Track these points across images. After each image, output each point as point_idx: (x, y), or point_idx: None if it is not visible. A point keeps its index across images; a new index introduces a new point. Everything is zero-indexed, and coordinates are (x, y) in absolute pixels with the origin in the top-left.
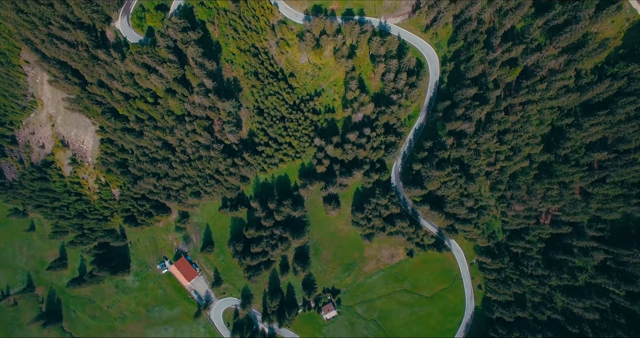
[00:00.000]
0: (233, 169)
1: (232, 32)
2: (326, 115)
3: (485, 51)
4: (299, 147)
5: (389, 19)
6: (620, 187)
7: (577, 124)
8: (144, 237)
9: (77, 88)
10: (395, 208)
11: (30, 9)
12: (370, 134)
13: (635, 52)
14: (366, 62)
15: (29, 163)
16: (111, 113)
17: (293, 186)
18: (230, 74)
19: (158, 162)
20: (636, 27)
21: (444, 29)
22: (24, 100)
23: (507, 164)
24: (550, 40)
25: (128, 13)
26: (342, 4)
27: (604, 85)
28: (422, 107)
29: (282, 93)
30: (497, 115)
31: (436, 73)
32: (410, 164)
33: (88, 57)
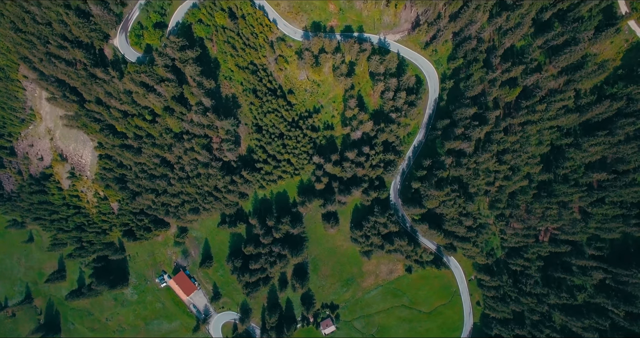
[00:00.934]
0: (232, 187)
1: (231, 50)
2: (325, 132)
3: (485, 70)
4: (297, 164)
5: (388, 36)
6: (619, 208)
7: (576, 144)
8: (142, 251)
9: (75, 105)
10: (394, 226)
11: (28, 28)
12: (369, 152)
13: (634, 74)
14: (365, 79)
15: (27, 175)
16: (109, 130)
17: (292, 202)
18: (229, 90)
19: (156, 179)
20: (635, 48)
21: (444, 46)
22: (23, 113)
23: (506, 183)
24: (549, 60)
25: (126, 30)
26: (341, 20)
27: (603, 106)
28: (422, 124)
29: (281, 110)
30: (496, 136)
31: (435, 90)
32: (409, 182)
33: (86, 76)
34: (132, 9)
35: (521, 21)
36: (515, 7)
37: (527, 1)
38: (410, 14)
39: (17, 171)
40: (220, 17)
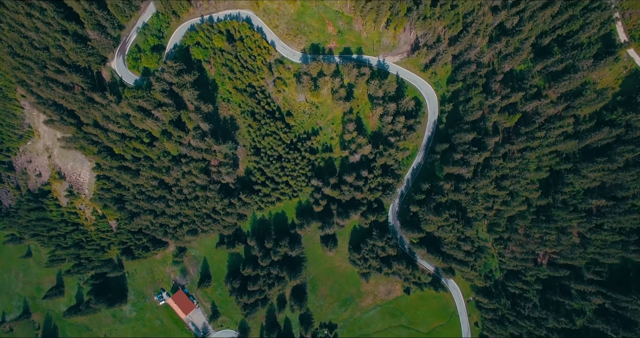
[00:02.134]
0: (230, 209)
1: (228, 72)
2: (323, 154)
3: (484, 96)
4: (296, 186)
5: (388, 58)
6: (618, 234)
7: (575, 170)
8: (141, 268)
9: (73, 128)
10: (392, 250)
11: (25, 53)
12: (368, 176)
13: (633, 101)
14: (364, 101)
15: (25, 190)
16: (107, 152)
17: (290, 223)
18: (227, 112)
19: (154, 201)
20: (634, 75)
21: (443, 69)
22: (21, 129)
23: (504, 208)
24: (549, 84)
25: (124, 53)
26: (340, 42)
27: (603, 133)
28: (421, 147)
29: (279, 133)
30: (495, 162)
31: (435, 112)
32: (407, 205)
33: (83, 100)
34: (129, 32)
35: (521, 47)
36: (515, 33)
37: (526, 27)
38: (410, 36)
39: (16, 186)
40: (218, 40)
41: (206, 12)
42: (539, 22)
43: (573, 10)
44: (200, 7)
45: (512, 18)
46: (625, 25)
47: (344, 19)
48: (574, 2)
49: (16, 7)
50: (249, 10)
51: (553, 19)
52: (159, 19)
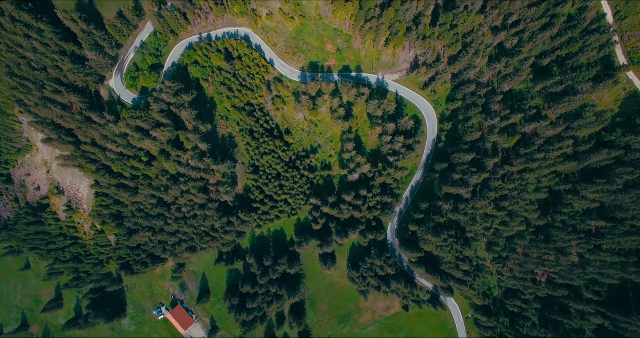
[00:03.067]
0: (228, 227)
1: (227, 91)
2: (322, 172)
3: (484, 116)
4: (294, 204)
5: (387, 75)
6: (617, 255)
7: (574, 191)
8: (140, 282)
9: (71, 146)
10: (391, 269)
11: (23, 73)
12: (367, 195)
13: (632, 123)
14: (363, 119)
15: (24, 202)
16: (105, 170)
17: (289, 240)
18: (225, 130)
19: (153, 218)
20: (632, 97)
21: (442, 86)
22: (19, 143)
23: (503, 228)
24: (548, 104)
25: (122, 71)
26: (338, 60)
27: (602, 155)
28: (420, 164)
29: (278, 151)
30: (494, 182)
31: (434, 130)
32: (406, 224)
33: (81, 119)
34: (127, 50)
35: (520, 67)
36: (514, 53)
37: (526, 47)
38: (409, 54)
39: (14, 198)
40: (217, 59)
41: (204, 30)
42: (539, 43)
43: (572, 32)
44: (198, 25)
45: (512, 38)
46: (624, 47)
47: (342, 37)
48: (573, 24)
49: (14, 28)
50: (247, 28)
51: (552, 40)
52: (156, 38)
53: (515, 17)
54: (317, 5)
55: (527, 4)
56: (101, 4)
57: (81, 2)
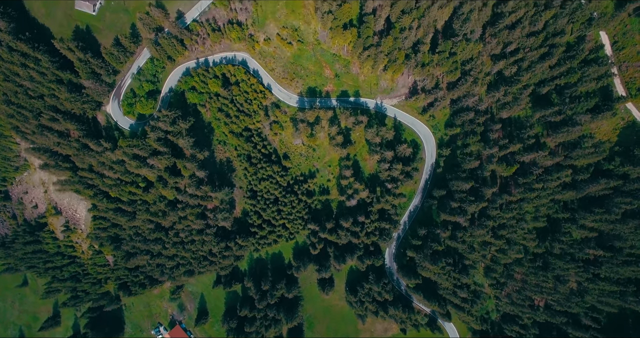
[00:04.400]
0: (227, 252)
1: (224, 118)
2: (320, 197)
3: (482, 145)
4: (292, 229)
5: (386, 100)
6: (616, 284)
7: (573, 219)
8: (138, 302)
9: (68, 172)
10: (389, 295)
11: (20, 101)
12: (365, 221)
13: (631, 153)
14: (362, 144)
15: (22, 219)
16: (103, 195)
17: (287, 263)
18: (223, 155)
19: (151, 243)
20: (631, 127)
21: (441, 112)
22: (17, 161)
23: (501, 256)
24: (547, 132)
25: (119, 97)
26: (337, 85)
27: (600, 185)
28: (418, 189)
29: (276, 176)
30: (492, 212)
31: (432, 155)
32: (404, 249)
33: (78, 147)
34: (124, 76)
35: (519, 96)
36: (513, 82)
37: (525, 77)
38: (408, 79)
39: (12, 215)
40: (214, 85)
41: (202, 55)
42: (537, 72)
43: (571, 62)
44: (196, 50)
45: (511, 67)
46: (622, 77)
47: (341, 62)
48: (572, 54)
49: (11, 58)
50: (245, 53)
51: (551, 70)
52: (153, 64)
53: (514, 45)
54: (315, 30)
55: (526, 34)
56: (98, 31)
57: (78, 30)
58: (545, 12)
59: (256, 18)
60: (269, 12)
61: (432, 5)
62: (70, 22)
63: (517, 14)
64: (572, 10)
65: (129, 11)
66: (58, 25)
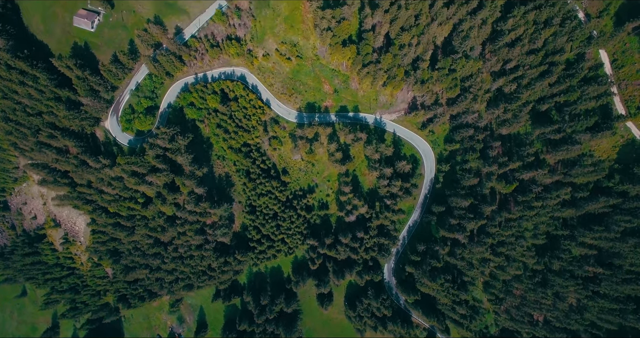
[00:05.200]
0: (226, 267)
1: (223, 134)
2: (319, 212)
3: (482, 162)
4: (291, 244)
5: (385, 115)
6: (616, 302)
7: (572, 236)
8: (137, 314)
9: (67, 188)
10: (388, 311)
11: (18, 118)
12: (364, 237)
13: (630, 171)
14: (361, 159)
15: (21, 229)
16: (102, 210)
17: (286, 277)
18: (222, 170)
19: (150, 257)
20: (630, 144)
21: (441, 127)
22: (16, 173)
23: (500, 273)
24: (547, 148)
25: (117, 112)
26: (336, 101)
27: (600, 204)
28: (417, 204)
29: (275, 192)
30: (491, 229)
31: (432, 170)
32: (403, 264)
33: (77, 163)
34: (123, 92)
35: (519, 114)
36: (513, 99)
37: (524, 94)
38: (407, 94)
39: (11, 225)
40: (213, 101)
41: (200, 70)
42: (537, 90)
43: (570, 81)
44: (194, 65)
45: (511, 84)
46: (621, 95)
47: (340, 78)
48: (571, 73)
49: (9, 75)
50: (243, 68)
51: (551, 87)
52: (152, 80)
53: (514, 63)
54: (314, 46)
55: (525, 51)
56: (97, 47)
57: (77, 46)
58: (545, 30)
59: (255, 33)
60: (268, 27)
61: (432, 23)
62: (69, 39)
63: (517, 31)
64: (572, 29)
65: (127, 27)
66: (56, 41)
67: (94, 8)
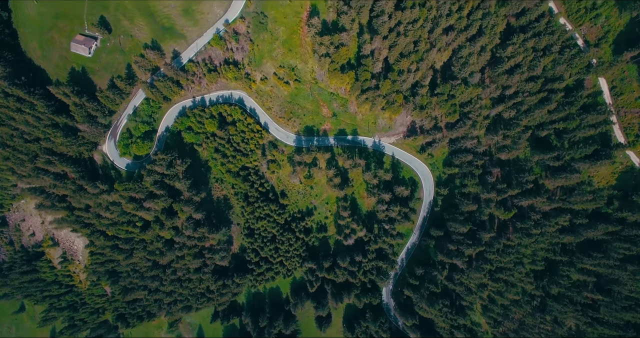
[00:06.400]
0: (224, 290)
1: (221, 158)
2: (318, 234)
3: (480, 188)
4: (290, 266)
5: (384, 138)
6: (615, 328)
7: (571, 263)
8: (136, 331)
9: (65, 211)
10: (386, 334)
11: (16, 144)
12: (362, 260)
13: (629, 198)
14: (359, 181)
15: (19, 245)
16: (100, 233)
17: (284, 298)
18: (220, 192)
19: (148, 280)
20: (629, 171)
21: (440, 150)
22: (13, 190)
23: (498, 298)
24: (546, 173)
25: (115, 136)
26: (334, 124)
27: (599, 231)
28: (416, 227)
29: (273, 215)
30: (490, 255)
31: (430, 192)
32: (401, 288)
33: (75, 188)
34: (120, 116)
35: (518, 141)
36: (512, 125)
37: (523, 121)
38: (406, 118)
39: (9, 241)
40: (210, 125)
41: (198, 93)
42: (537, 116)
43: (570, 108)
44: (192, 89)
45: (510, 110)
46: (620, 123)
47: (339, 101)
48: (570, 100)
49: (6, 103)
50: (241, 91)
51: (550, 114)
52: (149, 105)
53: (513, 89)
54: (312, 69)
55: (525, 78)
56: (94, 72)
57: (74, 71)
58: (544, 58)
59: (253, 57)
60: (266, 51)
61: (431, 49)
62: (66, 64)
63: (516, 59)
64: (571, 57)
65: (125, 51)
66: (54, 66)
67: (91, 33)
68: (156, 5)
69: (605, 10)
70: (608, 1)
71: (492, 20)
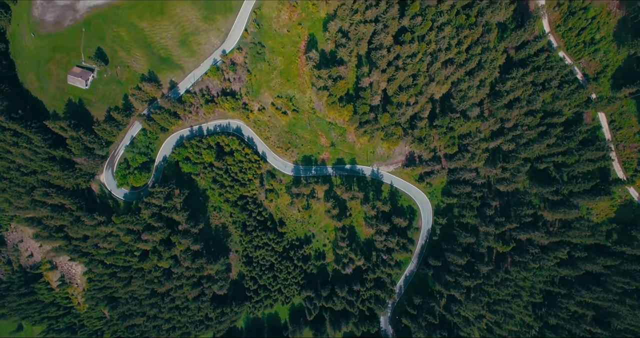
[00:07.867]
0: (223, 318)
1: (219, 188)
2: (316, 262)
3: (479, 221)
4: (288, 293)
5: (382, 167)
6: None
7: (569, 295)
8: None
9: (62, 241)
10: None
11: (12, 177)
12: (360, 289)
13: (628, 233)
14: (358, 210)
15: (17, 265)
16: (98, 261)
17: (283, 324)
18: (218, 220)
19: (147, 307)
20: (628, 205)
21: (438, 179)
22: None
23: (497, 329)
24: (545, 205)
25: (113, 166)
26: (332, 154)
27: (597, 266)
28: (414, 255)
29: (271, 243)
30: (488, 288)
31: (429, 221)
32: (399, 316)
33: (72, 220)
34: (117, 146)
35: (516, 174)
36: (511, 158)
37: (523, 154)
38: (405, 147)
39: (7, 261)
40: (208, 155)
41: (195, 123)
42: (536, 150)
43: (569, 143)
44: (190, 119)
45: (509, 143)
46: (619, 157)
47: (337, 131)
48: (569, 135)
49: (3, 136)
50: (239, 121)
51: (549, 148)
52: (146, 136)
53: (512, 122)
54: (310, 99)
55: (524, 112)
56: (91, 103)
57: (71, 103)
58: (543, 93)
59: (250, 87)
60: (264, 81)
61: (430, 83)
62: (63, 96)
63: (515, 93)
64: (570, 92)
65: (122, 82)
66: (51, 98)
67: (88, 65)
68: (153, 37)
69: (603, 46)
70: (606, 37)
71: (492, 54)
